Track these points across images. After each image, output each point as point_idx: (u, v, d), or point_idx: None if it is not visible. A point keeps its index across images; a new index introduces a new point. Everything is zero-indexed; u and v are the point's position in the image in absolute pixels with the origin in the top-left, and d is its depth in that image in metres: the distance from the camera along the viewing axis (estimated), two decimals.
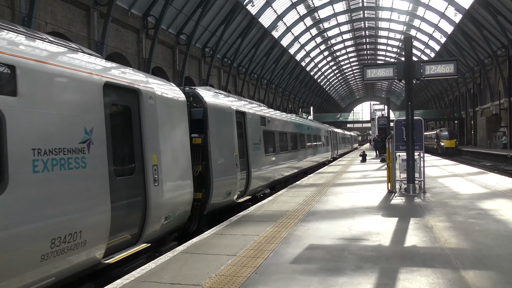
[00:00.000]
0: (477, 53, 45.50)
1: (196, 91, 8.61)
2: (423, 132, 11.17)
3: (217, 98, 9.44)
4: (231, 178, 9.26)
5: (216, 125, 8.75)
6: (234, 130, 9.74)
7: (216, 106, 8.92)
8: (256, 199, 11.35)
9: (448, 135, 46.08)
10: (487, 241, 5.73)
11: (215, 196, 8.39)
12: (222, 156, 8.91)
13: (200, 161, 8.18)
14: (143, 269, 4.94)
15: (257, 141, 11.54)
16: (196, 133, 8.28)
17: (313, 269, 4.68)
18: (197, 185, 7.78)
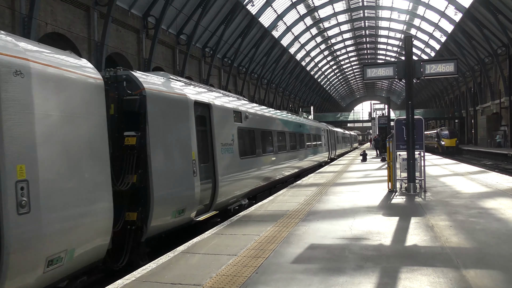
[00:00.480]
0: (478, 52, 45.46)
1: (131, 73, 6.48)
2: (423, 131, 11.17)
3: (166, 85, 7.38)
4: (184, 190, 7.13)
5: (162, 120, 6.69)
6: (191, 127, 7.54)
7: (161, 95, 6.80)
8: (229, 212, 9.42)
9: (449, 134, 46.06)
10: (488, 240, 5.72)
11: (157, 215, 6.30)
12: (170, 161, 6.85)
13: (133, 169, 6.08)
14: (144, 269, 4.94)
15: (228, 142, 9.41)
16: (130, 131, 6.25)
17: (314, 269, 4.68)
18: (130, 202, 6.11)
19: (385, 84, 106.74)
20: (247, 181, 10.66)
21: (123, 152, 6.12)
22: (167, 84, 7.49)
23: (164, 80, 7.58)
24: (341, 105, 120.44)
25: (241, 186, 10.20)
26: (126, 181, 6.01)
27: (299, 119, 19.71)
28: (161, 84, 7.19)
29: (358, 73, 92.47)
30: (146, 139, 6.25)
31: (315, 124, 24.42)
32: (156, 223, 6.35)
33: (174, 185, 6.84)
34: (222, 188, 8.69)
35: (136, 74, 6.52)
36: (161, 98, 6.79)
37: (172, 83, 7.73)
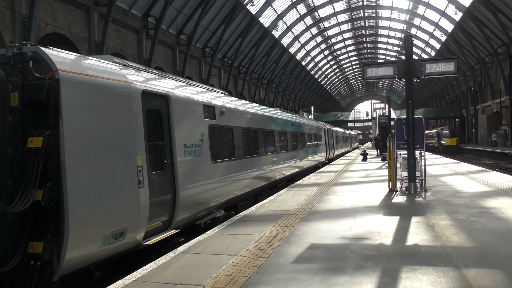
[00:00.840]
0: (478, 51, 45.44)
1: (40, 49, 4.82)
2: (424, 131, 11.17)
3: (99, 68, 5.55)
4: (124, 207, 5.47)
5: (86, 114, 5.05)
6: (136, 124, 5.84)
7: (85, 81, 5.09)
8: (199, 228, 7.91)
9: (449, 133, 46.05)
10: (488, 239, 5.72)
11: (76, 244, 4.72)
12: (99, 169, 5.13)
13: (37, 182, 4.53)
14: (144, 269, 4.95)
15: (195, 142, 7.64)
16: (34, 129, 4.70)
17: (314, 269, 4.68)
18: (33, 228, 4.63)
19: (386, 83, 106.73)
20: (223, 190, 8.89)
21: (23, 158, 4.61)
22: (101, 67, 5.60)
23: (96, 62, 5.63)
24: (341, 105, 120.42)
25: (214, 196, 8.44)
26: (26, 198, 4.47)
27: (291, 116, 17.58)
28: (88, 66, 5.37)
29: (358, 73, 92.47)
30: (59, 140, 4.61)
31: (311, 123, 22.74)
32: (75, 255, 4.74)
33: (104, 200, 5.16)
34: (186, 200, 6.99)
35: (47, 51, 4.85)
36: (85, 85, 5.06)
37: (111, 67, 5.88)
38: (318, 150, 22.93)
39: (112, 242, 5.29)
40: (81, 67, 5.24)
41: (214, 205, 8.47)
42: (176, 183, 6.79)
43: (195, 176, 7.55)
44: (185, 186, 7.04)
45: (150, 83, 6.69)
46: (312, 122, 24.98)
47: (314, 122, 25.44)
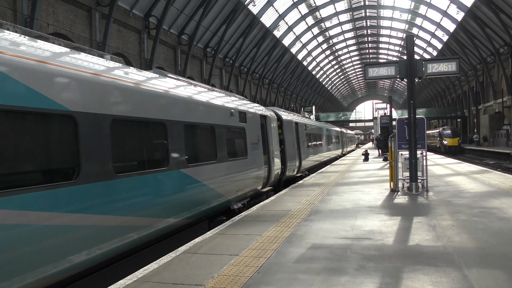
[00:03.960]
0: (480, 51, 45.38)
1: None
2: (425, 131, 11.15)
3: None
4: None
5: None
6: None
7: None
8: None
9: (451, 133, 45.99)
10: (490, 239, 5.71)
11: None
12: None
13: None
14: (145, 269, 4.95)
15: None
16: None
17: (316, 269, 4.67)
18: None
19: (387, 83, 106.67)
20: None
21: None
22: None
23: None
24: (343, 105, 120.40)
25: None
26: None
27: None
28: None
29: (360, 73, 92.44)
30: None
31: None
32: None
33: None
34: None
35: None
36: None
37: None
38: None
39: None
40: None
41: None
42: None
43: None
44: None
45: None
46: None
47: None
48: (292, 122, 15.98)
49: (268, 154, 11.98)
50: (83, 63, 5.15)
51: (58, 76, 4.59)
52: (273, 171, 12.42)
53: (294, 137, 15.88)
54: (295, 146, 16.05)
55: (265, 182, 11.91)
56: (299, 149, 16.75)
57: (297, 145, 16.39)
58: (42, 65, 4.36)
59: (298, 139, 16.75)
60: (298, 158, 16.49)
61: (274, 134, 12.96)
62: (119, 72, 5.85)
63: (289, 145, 14.97)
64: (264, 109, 12.66)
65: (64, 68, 4.72)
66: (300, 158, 16.82)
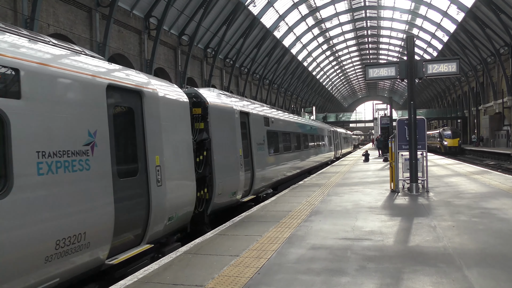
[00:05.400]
0: (480, 51, 45.38)
1: None
2: (426, 131, 11.15)
3: None
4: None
5: None
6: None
7: None
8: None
9: (451, 134, 45.99)
10: (490, 240, 5.70)
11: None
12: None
13: None
14: (146, 270, 4.95)
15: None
16: None
17: (316, 269, 4.67)
18: None
19: (387, 84, 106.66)
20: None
21: None
22: None
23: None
24: (343, 106, 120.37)
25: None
26: None
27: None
28: None
29: (360, 73, 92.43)
30: None
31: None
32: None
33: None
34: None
35: None
36: None
37: None
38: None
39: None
40: None
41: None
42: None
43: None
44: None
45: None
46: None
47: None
48: (234, 112, 10.04)
49: (147, 173, 5.97)
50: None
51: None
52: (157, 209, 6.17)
53: (237, 136, 10.05)
54: (238, 152, 9.98)
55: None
56: (252, 156, 10.96)
57: (249, 150, 10.85)
58: None
59: (250, 140, 10.99)
60: (250, 171, 10.75)
61: (171, 128, 6.78)
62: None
63: (225, 150, 9.30)
64: (145, 77, 6.48)
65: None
66: (254, 170, 10.94)
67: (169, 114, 6.69)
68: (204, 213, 8.52)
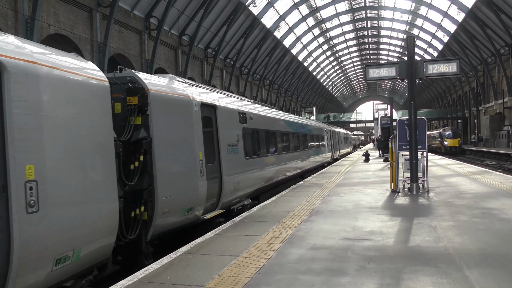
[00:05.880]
0: (480, 52, 45.38)
1: None
2: (426, 132, 11.14)
3: None
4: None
5: None
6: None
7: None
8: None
9: (452, 134, 45.98)
10: (491, 240, 5.70)
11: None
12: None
13: None
14: (146, 270, 4.95)
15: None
16: None
17: (316, 269, 4.67)
18: None
19: (388, 84, 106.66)
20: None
21: None
22: None
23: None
24: (343, 106, 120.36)
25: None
26: None
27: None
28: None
29: (360, 74, 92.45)
30: None
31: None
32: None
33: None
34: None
35: None
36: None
37: None
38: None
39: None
40: None
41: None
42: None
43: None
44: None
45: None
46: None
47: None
48: (192, 103, 7.80)
49: (7, 193, 3.90)
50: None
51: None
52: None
53: (196, 135, 7.72)
54: (197, 156, 7.63)
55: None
56: (220, 161, 8.79)
57: (215, 153, 8.73)
58: None
59: (219, 140, 8.86)
60: (217, 179, 8.62)
61: (67, 122, 4.63)
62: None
63: (174, 154, 7.10)
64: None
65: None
66: (222, 178, 8.76)
67: (62, 100, 4.53)
68: (141, 240, 6.30)
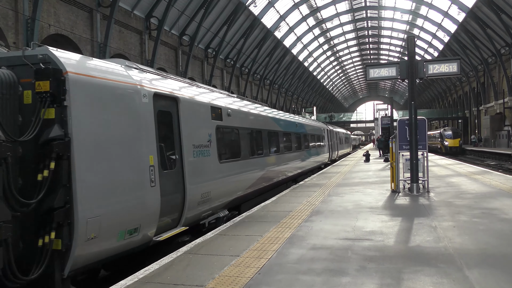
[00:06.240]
0: (481, 52, 45.37)
1: None
2: (426, 132, 11.14)
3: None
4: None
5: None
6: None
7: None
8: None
9: (452, 134, 45.96)
10: (491, 240, 5.70)
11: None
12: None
13: None
14: (146, 269, 4.95)
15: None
16: None
17: (317, 270, 4.67)
18: None
19: (388, 84, 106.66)
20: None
21: None
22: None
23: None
24: (344, 106, 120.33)
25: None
26: None
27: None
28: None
29: (361, 74, 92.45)
30: None
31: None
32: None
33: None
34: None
35: None
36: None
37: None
38: None
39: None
40: None
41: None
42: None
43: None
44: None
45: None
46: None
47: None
48: (139, 93, 6.04)
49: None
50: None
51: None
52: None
53: (143, 134, 6.01)
54: (144, 160, 5.93)
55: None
56: (183, 166, 6.98)
57: (177, 156, 6.94)
58: None
59: (181, 140, 7.04)
60: (179, 188, 6.88)
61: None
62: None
63: (108, 158, 5.35)
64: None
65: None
66: (185, 187, 6.94)
67: None
68: (52, 277, 4.65)
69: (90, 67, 5.39)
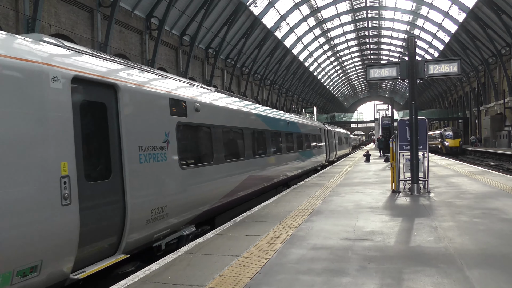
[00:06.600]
0: (481, 52, 45.36)
1: None
2: (427, 132, 11.14)
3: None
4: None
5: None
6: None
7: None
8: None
9: (453, 134, 45.94)
10: (491, 240, 5.70)
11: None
12: None
13: None
14: (147, 269, 4.95)
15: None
16: None
17: (317, 270, 4.67)
18: None
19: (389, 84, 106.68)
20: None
21: None
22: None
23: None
24: (344, 106, 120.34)
25: None
26: None
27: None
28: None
29: (361, 74, 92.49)
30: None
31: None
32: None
33: None
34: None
35: None
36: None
37: None
38: None
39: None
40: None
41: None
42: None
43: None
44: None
45: None
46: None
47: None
48: (46, 77, 4.28)
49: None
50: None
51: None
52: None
53: (50, 133, 4.22)
54: (51, 169, 4.18)
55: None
56: (124, 174, 5.34)
57: (114, 162, 5.27)
58: None
59: (121, 141, 5.36)
60: (116, 204, 5.23)
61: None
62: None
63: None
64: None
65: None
66: (126, 202, 5.33)
67: None
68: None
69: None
